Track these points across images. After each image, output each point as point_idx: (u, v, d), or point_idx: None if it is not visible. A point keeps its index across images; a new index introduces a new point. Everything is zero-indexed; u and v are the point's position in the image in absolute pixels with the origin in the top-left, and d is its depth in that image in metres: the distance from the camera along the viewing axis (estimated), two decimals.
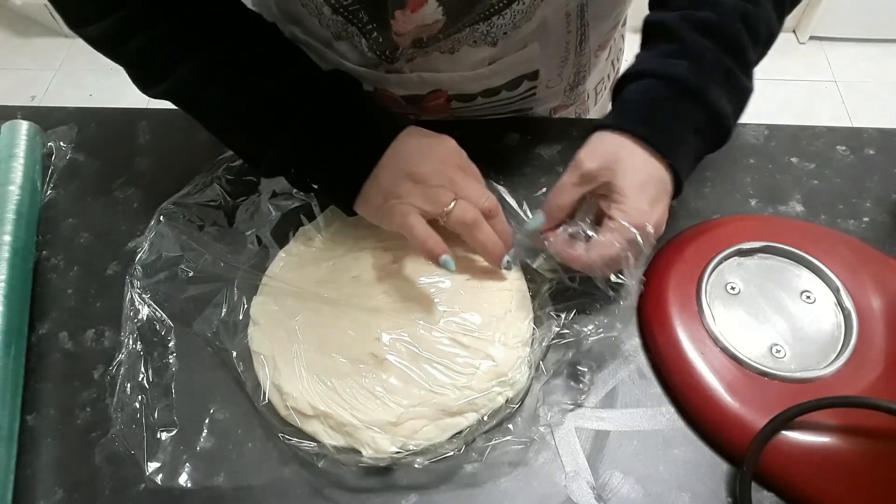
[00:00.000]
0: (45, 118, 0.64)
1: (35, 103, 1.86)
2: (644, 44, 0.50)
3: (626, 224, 0.44)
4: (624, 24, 0.68)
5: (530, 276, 0.52)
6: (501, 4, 0.50)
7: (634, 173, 0.45)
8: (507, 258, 0.48)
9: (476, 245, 0.48)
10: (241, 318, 0.50)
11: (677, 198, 0.48)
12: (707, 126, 0.46)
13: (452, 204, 0.46)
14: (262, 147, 0.49)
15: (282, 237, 0.55)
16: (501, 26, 0.52)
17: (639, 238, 0.44)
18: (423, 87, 0.59)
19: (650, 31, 0.50)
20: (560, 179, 0.47)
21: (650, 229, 0.44)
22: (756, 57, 0.48)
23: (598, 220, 0.47)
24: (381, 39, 0.51)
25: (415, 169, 0.46)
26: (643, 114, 0.46)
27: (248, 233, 0.54)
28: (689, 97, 0.46)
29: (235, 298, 0.51)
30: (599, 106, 0.75)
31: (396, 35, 0.50)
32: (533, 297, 0.51)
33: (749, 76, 0.48)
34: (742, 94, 0.48)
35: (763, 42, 0.48)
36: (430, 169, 0.46)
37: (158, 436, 0.46)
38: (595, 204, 0.48)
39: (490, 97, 0.61)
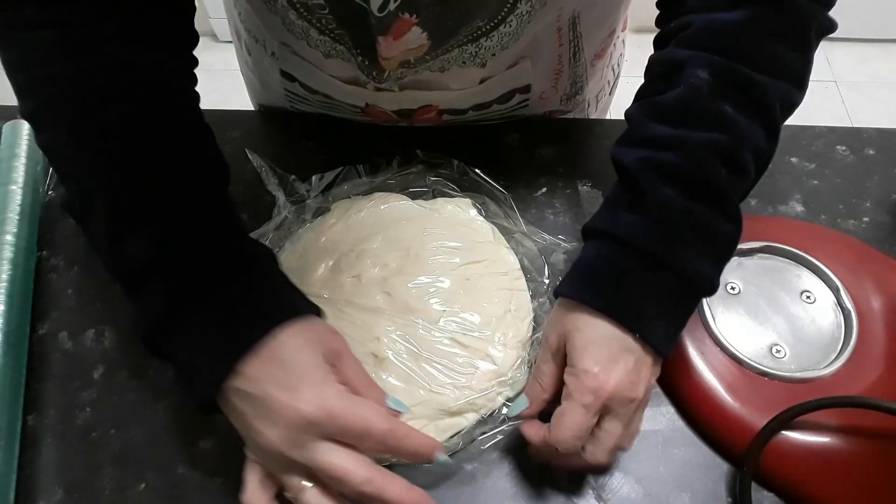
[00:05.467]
0: None
1: None
2: (610, 194, 0.44)
3: (575, 388, 0.39)
4: (623, 28, 0.68)
5: (530, 275, 0.52)
6: (488, 27, 0.49)
7: (584, 337, 0.40)
8: None
9: None
10: None
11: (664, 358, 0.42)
12: (679, 290, 0.41)
13: (306, 485, 0.37)
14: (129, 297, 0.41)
15: (282, 236, 0.55)
16: (489, 48, 0.51)
17: (592, 401, 0.39)
18: (414, 103, 0.59)
19: (616, 166, 0.45)
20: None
21: (607, 389, 0.39)
22: (742, 189, 0.43)
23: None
24: (367, 62, 0.50)
25: (253, 440, 0.37)
26: (599, 282, 0.42)
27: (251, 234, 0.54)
28: (652, 264, 0.41)
29: None
30: (599, 113, 0.74)
31: (382, 59, 0.49)
32: (533, 297, 0.51)
33: (733, 217, 0.42)
34: (724, 242, 0.43)
35: (750, 171, 0.43)
36: (267, 451, 0.37)
37: None
38: None
39: (481, 110, 0.61)
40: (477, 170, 0.57)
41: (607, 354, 0.40)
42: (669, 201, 0.41)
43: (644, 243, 0.41)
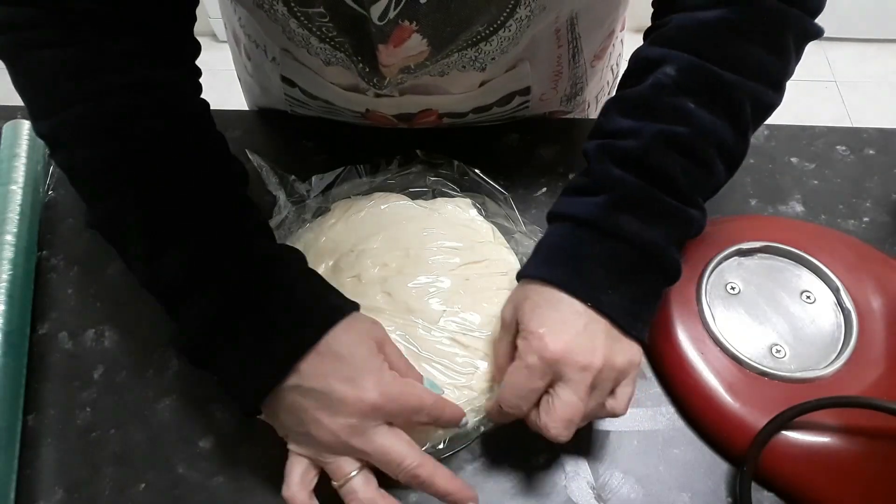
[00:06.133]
0: None
1: None
2: (569, 183, 0.46)
3: (521, 349, 0.40)
4: (622, 28, 0.68)
5: None
6: (488, 32, 0.49)
7: (532, 303, 0.41)
8: None
9: None
10: None
11: (642, 344, 0.43)
12: (633, 261, 0.42)
13: (352, 474, 0.39)
14: (170, 313, 0.43)
15: (282, 236, 0.55)
16: (489, 52, 0.51)
17: (535, 362, 0.39)
18: (414, 107, 0.59)
19: (584, 154, 0.46)
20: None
21: (553, 351, 0.39)
22: (703, 179, 0.44)
23: None
24: (367, 69, 0.51)
25: (311, 431, 0.39)
26: (550, 258, 0.43)
27: None
28: (600, 234, 0.42)
29: None
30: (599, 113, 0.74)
31: (383, 66, 0.49)
32: None
33: (690, 202, 0.43)
34: (680, 222, 0.43)
35: (712, 161, 0.43)
36: (328, 440, 0.39)
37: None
38: None
39: (481, 113, 0.61)
40: (476, 170, 0.57)
41: (556, 317, 0.40)
42: (619, 179, 0.42)
43: (591, 216, 0.42)
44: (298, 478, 0.40)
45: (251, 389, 0.40)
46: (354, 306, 0.42)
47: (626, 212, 0.42)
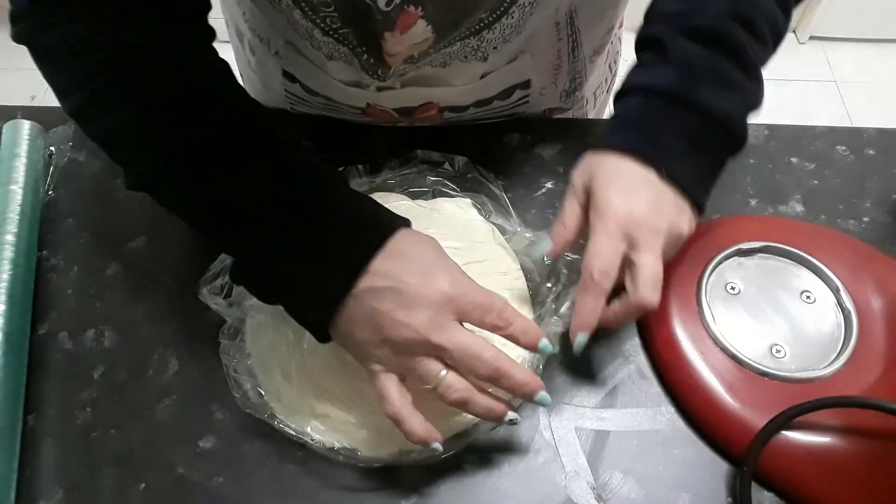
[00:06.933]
0: (45, 118, 0.64)
1: (35, 103, 1.86)
2: (637, 60, 0.48)
3: (597, 219, 0.42)
4: (621, 25, 0.68)
5: (530, 275, 0.52)
6: (491, 19, 0.50)
7: (606, 173, 0.43)
8: (509, 415, 0.41)
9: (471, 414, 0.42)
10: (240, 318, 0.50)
11: (701, 212, 0.45)
12: (705, 130, 0.44)
13: (440, 375, 0.39)
14: (228, 252, 0.44)
15: None
16: (492, 41, 0.52)
17: (614, 229, 0.41)
18: (415, 100, 0.59)
19: (641, 48, 0.48)
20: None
21: (628, 216, 0.41)
22: (761, 54, 0.46)
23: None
24: (371, 60, 0.51)
25: (391, 336, 0.38)
26: (624, 127, 0.45)
27: None
28: (675, 103, 0.44)
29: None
30: (598, 110, 0.75)
31: (388, 55, 0.49)
32: (533, 297, 0.51)
33: (754, 75, 0.45)
34: (747, 92, 0.45)
35: (766, 38, 0.46)
36: (409, 338, 0.38)
37: None
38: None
39: (482, 107, 0.61)
40: (478, 167, 0.57)
41: (628, 186, 0.42)
42: (691, 52, 0.44)
43: (667, 85, 0.44)
44: (396, 392, 0.40)
45: (328, 300, 0.39)
46: (408, 221, 0.43)
47: (701, 82, 0.43)
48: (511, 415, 0.41)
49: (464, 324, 0.40)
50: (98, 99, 0.42)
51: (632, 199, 0.42)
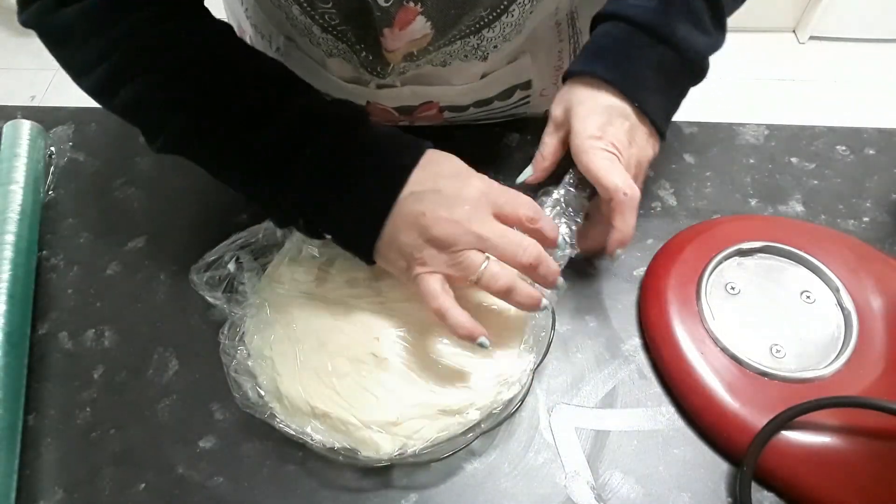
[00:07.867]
0: (45, 118, 0.64)
1: (35, 103, 1.86)
2: None
3: (589, 147, 0.45)
4: None
5: None
6: (491, 17, 0.50)
7: (585, 108, 0.46)
8: (544, 301, 0.44)
9: (510, 304, 0.44)
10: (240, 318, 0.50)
11: (663, 141, 0.48)
12: (676, 66, 0.46)
13: (483, 266, 0.41)
14: (266, 199, 0.46)
15: (282, 235, 0.55)
16: (491, 39, 0.52)
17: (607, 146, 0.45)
18: (415, 99, 0.59)
19: None
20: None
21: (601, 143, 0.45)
22: (731, 4, 0.48)
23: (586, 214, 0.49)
24: (370, 57, 0.51)
25: (435, 233, 0.41)
26: (605, 56, 0.46)
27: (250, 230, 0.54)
28: (653, 37, 0.45)
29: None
30: None
31: (387, 52, 0.49)
32: None
33: (720, 24, 0.48)
34: (713, 36, 0.47)
35: None
36: (453, 231, 0.41)
37: None
38: (581, 200, 0.49)
39: (482, 107, 0.61)
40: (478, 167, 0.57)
41: (605, 119, 0.45)
42: None
43: (647, 20, 0.45)
44: (440, 288, 0.42)
45: (375, 213, 0.42)
46: (432, 143, 0.46)
47: (678, 19, 0.45)
48: (545, 301, 0.44)
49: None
50: (121, 69, 0.43)
51: (607, 131, 0.45)
